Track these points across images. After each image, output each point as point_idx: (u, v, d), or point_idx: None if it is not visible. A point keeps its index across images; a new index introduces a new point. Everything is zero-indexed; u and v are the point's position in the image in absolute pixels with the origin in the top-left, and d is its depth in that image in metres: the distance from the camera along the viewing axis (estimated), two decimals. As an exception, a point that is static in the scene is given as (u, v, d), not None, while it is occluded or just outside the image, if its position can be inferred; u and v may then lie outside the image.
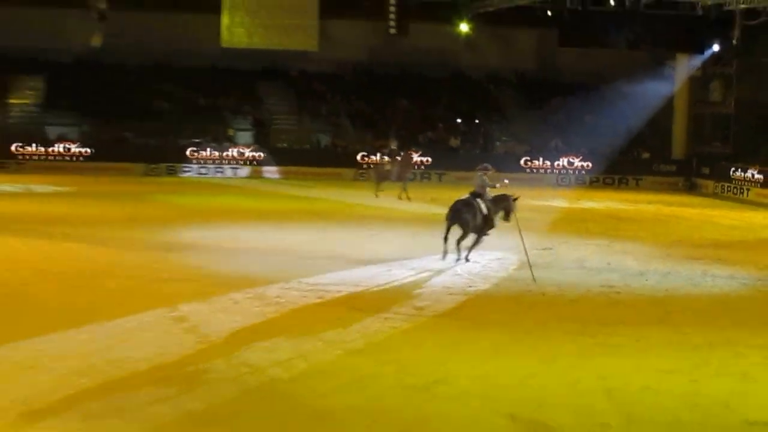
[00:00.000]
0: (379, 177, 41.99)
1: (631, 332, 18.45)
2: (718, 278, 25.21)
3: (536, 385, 14.51)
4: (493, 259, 25.71)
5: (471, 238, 25.23)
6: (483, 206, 25.15)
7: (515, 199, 25.32)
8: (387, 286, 22.72)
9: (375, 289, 22.62)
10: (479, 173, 26.35)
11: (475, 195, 25.34)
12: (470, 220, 24.97)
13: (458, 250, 25.04)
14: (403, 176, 40.48)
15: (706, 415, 13.05)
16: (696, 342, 17.62)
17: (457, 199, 25.75)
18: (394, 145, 43.82)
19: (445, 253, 25.02)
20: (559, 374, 15.26)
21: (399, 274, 24.25)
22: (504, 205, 25.40)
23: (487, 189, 25.86)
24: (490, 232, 25.41)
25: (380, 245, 29.10)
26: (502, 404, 13.43)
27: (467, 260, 24.97)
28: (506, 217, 25.37)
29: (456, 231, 25.00)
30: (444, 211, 26.00)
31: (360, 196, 44.04)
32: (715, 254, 28.93)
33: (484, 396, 13.94)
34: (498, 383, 14.59)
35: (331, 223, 34.89)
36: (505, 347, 16.92)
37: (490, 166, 27.38)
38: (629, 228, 34.97)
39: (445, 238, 24.91)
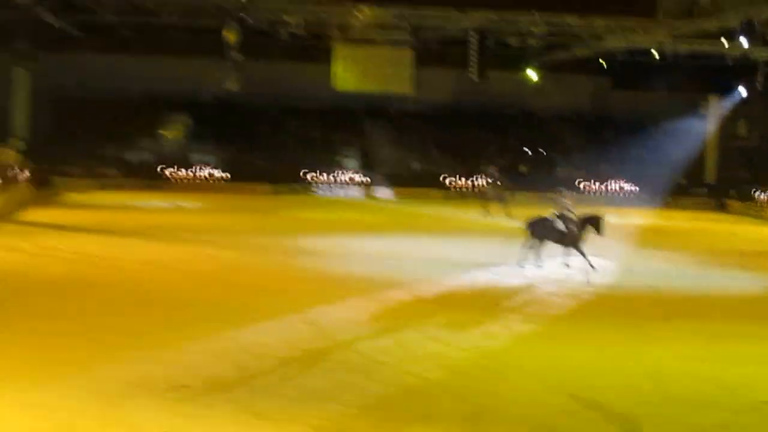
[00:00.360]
0: (484, 197, 44.73)
1: (670, 325, 20.25)
2: (742, 281, 27.61)
3: (591, 369, 16.17)
4: (558, 265, 27.09)
5: (563, 249, 27.17)
6: (560, 224, 26.88)
7: (600, 218, 26.57)
8: (471, 287, 24.72)
9: (462, 289, 24.69)
10: (558, 196, 28.18)
11: (560, 215, 27.09)
12: (545, 234, 27.07)
13: (534, 257, 27.14)
14: (501, 196, 42.68)
15: (730, 395, 14.53)
16: (723, 334, 19.34)
17: (536, 216, 27.69)
18: (495, 171, 45.18)
19: (526, 260, 26.96)
20: (609, 360, 16.98)
21: (482, 276, 26.39)
22: (593, 222, 26.63)
23: (569, 208, 27.31)
24: (581, 244, 26.79)
25: (468, 252, 31.70)
26: (562, 385, 14.95)
27: (567, 266, 26.88)
28: (598, 232, 26.56)
29: (534, 242, 27.02)
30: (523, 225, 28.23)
31: (450, 211, 47.53)
32: (739, 261, 31.71)
33: (548, 378, 15.41)
34: (559, 367, 16.17)
35: (426, 233, 37.38)
36: (565, 337, 18.59)
37: (563, 189, 29.16)
38: (669, 240, 36.79)
39: (528, 248, 27.09)
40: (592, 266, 26.39)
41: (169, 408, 13.21)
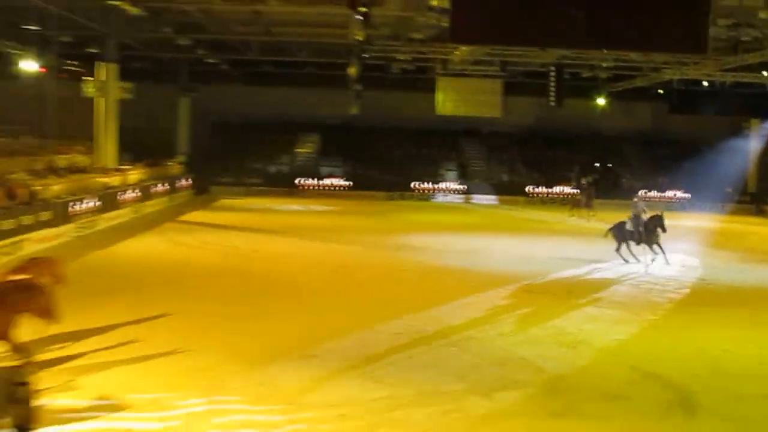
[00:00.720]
0: (575, 204, 44.89)
1: (717, 311, 20.46)
2: None
3: (649, 346, 16.39)
4: (618, 262, 27.12)
5: (638, 247, 27.05)
6: (631, 225, 26.91)
7: (663, 217, 26.81)
8: (554, 278, 24.86)
9: (546, 279, 24.88)
10: (636, 200, 28.42)
11: (634, 217, 27.04)
12: (622, 236, 27.18)
13: (620, 255, 27.18)
14: (589, 203, 42.75)
15: None
16: (763, 319, 19.63)
17: (617, 222, 27.83)
18: (584, 181, 46.07)
19: (627, 257, 27.19)
20: (665, 339, 17.13)
21: (574, 270, 26.48)
22: (659, 222, 26.72)
23: (642, 211, 27.27)
24: (656, 241, 26.84)
25: (552, 249, 31.33)
26: (625, 359, 15.37)
27: (652, 261, 26.58)
28: (663, 230, 26.74)
29: (618, 243, 27.36)
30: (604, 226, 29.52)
31: (533, 214, 47.44)
32: None
33: (613, 353, 15.86)
34: (622, 344, 16.51)
35: (514, 233, 37.23)
36: (628, 321, 18.74)
37: (640, 194, 30.76)
38: (716, 239, 36.06)
39: (617, 249, 27.29)
40: (667, 261, 26.56)
41: (301, 372, 13.79)
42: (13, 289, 13.48)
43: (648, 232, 26.85)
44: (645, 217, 27.25)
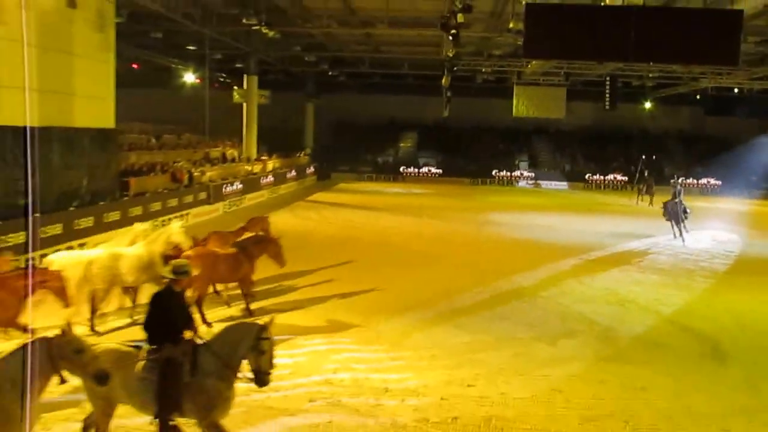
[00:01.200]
0: (641, 190, 42.75)
1: (744, 278, 19.96)
2: None
3: (685, 305, 16.22)
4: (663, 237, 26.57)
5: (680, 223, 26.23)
6: (673, 205, 26.33)
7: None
8: (615, 250, 24.37)
9: (606, 251, 24.31)
10: (674, 182, 28.25)
11: (674, 197, 26.59)
12: (671, 214, 26.50)
13: (675, 231, 26.27)
14: (650, 191, 41.05)
15: None
16: None
17: (665, 201, 27.41)
18: (647, 173, 44.08)
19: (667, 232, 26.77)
20: (699, 300, 16.90)
21: (627, 243, 25.95)
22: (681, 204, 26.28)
23: (679, 193, 26.77)
24: (687, 217, 26.30)
25: (611, 225, 30.65)
26: (665, 315, 15.34)
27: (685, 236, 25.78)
28: (686, 212, 26.30)
29: (668, 219, 26.64)
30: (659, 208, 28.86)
31: (595, 197, 46.43)
32: None
33: (655, 310, 15.70)
34: (663, 303, 16.25)
35: (580, 212, 36.65)
36: (667, 284, 18.52)
37: (677, 177, 30.47)
38: (744, 219, 34.82)
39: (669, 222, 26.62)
40: (691, 238, 25.91)
41: (401, 321, 13.94)
42: (252, 241, 15.02)
43: (684, 212, 26.37)
44: (679, 199, 26.65)
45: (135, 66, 41.66)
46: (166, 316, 7.47)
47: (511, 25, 26.74)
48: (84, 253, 14.12)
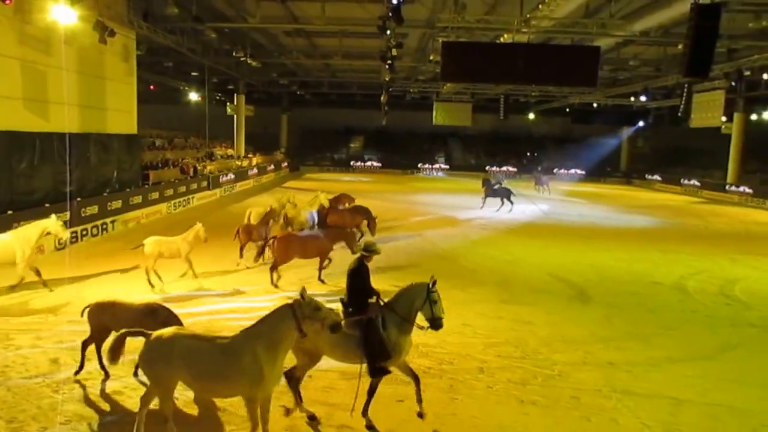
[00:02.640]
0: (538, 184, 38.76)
1: (603, 242, 19.31)
2: (642, 221, 25.69)
3: (560, 262, 16.11)
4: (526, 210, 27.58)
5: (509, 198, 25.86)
6: (501, 188, 26.21)
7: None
8: (497, 218, 24.48)
9: (496, 218, 24.83)
10: (494, 172, 28.82)
11: (498, 183, 26.31)
12: (501, 193, 26.25)
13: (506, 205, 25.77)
14: (540, 182, 37.63)
15: (637, 278, 14.40)
16: (632, 247, 18.40)
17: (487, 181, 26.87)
18: (539, 167, 42.98)
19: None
20: (570, 258, 16.77)
21: (516, 217, 25.55)
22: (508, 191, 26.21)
23: (501, 180, 26.97)
24: (512, 197, 26.01)
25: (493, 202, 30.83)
26: (546, 269, 15.20)
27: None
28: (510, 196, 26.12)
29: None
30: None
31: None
32: (640, 212, 29.25)
33: (539, 265, 15.61)
34: (544, 260, 16.28)
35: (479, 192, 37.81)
36: (547, 246, 18.58)
37: (495, 169, 31.59)
38: (601, 198, 35.63)
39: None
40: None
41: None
42: (352, 210, 16.81)
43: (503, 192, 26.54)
44: (504, 183, 27.78)
45: (152, 87, 40.69)
46: (363, 285, 7.21)
47: (431, 57, 26.92)
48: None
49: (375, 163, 54.22)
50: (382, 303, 7.15)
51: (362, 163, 54.34)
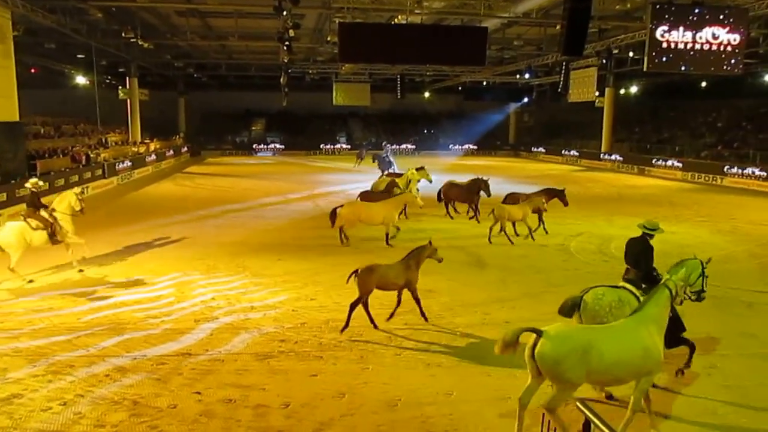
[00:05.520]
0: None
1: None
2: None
3: (456, 232, 17.18)
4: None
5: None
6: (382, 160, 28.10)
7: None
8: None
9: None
10: (386, 147, 29.14)
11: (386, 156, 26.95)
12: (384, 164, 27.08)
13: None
14: (382, 166, 38.32)
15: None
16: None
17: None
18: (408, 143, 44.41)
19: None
20: (463, 229, 17.50)
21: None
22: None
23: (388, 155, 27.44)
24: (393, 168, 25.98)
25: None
26: (443, 239, 17.15)
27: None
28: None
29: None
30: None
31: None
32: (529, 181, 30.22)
33: (435, 237, 18.00)
34: (442, 228, 17.40)
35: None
36: (440, 216, 19.33)
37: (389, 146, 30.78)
38: (491, 171, 35.81)
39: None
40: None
41: (259, 256, 13.38)
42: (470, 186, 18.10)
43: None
44: (391, 158, 27.78)
45: (34, 70, 37.71)
46: (651, 263, 7.44)
47: (329, 39, 26.70)
48: None
49: (278, 146, 53.17)
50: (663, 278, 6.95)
51: (265, 146, 53.22)
